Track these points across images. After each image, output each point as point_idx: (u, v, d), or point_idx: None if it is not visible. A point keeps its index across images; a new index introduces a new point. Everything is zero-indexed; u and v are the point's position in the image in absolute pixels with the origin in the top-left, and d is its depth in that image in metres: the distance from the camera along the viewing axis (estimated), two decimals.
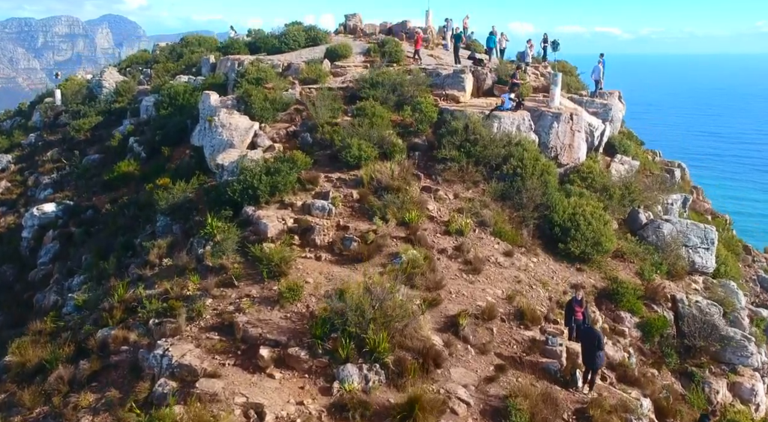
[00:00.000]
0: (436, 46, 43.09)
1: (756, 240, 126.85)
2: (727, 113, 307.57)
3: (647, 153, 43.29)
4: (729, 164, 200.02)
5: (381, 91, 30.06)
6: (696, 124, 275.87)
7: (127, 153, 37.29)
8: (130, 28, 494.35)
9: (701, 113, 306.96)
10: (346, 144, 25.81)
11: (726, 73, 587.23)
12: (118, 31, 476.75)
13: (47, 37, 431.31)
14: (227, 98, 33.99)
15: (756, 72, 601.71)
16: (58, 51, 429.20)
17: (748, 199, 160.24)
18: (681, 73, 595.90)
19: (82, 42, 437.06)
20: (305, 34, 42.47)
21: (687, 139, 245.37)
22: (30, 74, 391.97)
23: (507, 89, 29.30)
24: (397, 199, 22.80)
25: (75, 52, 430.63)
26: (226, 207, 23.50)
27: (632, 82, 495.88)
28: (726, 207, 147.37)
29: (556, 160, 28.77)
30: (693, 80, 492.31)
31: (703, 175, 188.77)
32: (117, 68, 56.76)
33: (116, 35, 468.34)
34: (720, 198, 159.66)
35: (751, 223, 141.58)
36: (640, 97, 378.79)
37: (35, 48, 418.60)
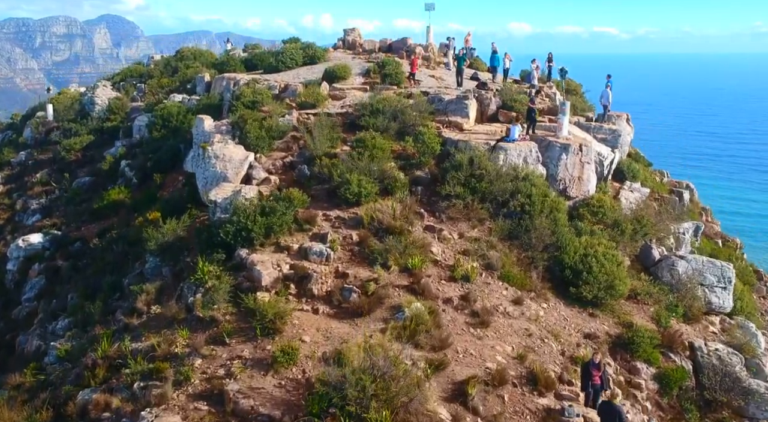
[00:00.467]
0: (437, 65, 41.79)
1: (753, 240, 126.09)
2: (725, 113, 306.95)
3: (655, 174, 42.10)
4: (726, 164, 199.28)
5: (381, 119, 28.76)
6: (693, 124, 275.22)
7: (118, 177, 36.08)
8: (128, 28, 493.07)
9: (698, 113, 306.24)
10: (345, 179, 24.51)
11: (723, 73, 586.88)
12: (116, 31, 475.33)
13: (45, 37, 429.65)
14: (222, 123, 32.72)
15: (753, 72, 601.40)
16: (56, 51, 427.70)
17: (744, 199, 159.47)
18: (678, 73, 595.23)
19: (80, 42, 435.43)
20: (303, 53, 41.22)
21: (684, 139, 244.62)
22: (28, 74, 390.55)
23: (514, 119, 27.97)
24: (399, 243, 21.50)
25: (73, 53, 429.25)
26: (219, 249, 22.21)
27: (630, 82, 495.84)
28: (723, 207, 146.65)
29: (565, 192, 27.50)
30: (690, 80, 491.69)
31: (700, 174, 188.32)
32: (110, 82, 55.42)
33: (114, 35, 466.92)
34: (717, 198, 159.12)
35: (749, 223, 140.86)
36: (638, 97, 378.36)
37: (33, 48, 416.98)
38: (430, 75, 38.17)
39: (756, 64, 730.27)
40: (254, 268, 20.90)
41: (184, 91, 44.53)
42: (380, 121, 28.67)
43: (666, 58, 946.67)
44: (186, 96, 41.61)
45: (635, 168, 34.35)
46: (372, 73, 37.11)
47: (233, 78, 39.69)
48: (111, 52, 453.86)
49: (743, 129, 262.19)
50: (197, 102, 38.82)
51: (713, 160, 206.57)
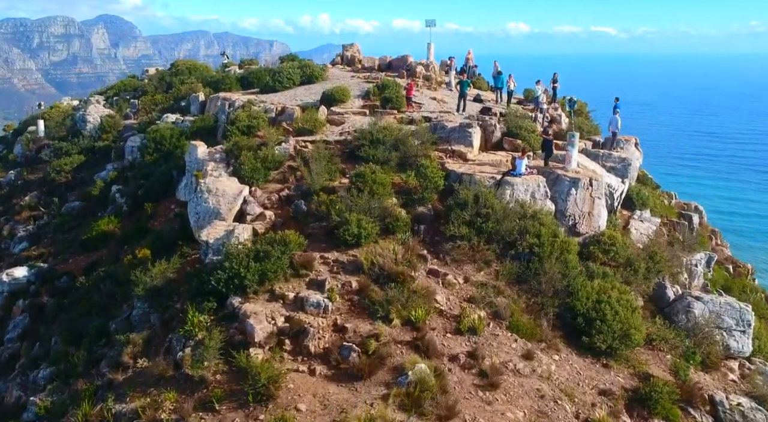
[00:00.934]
0: (439, 86, 40.46)
1: (750, 240, 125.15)
2: (722, 113, 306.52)
3: (663, 196, 40.88)
4: (724, 164, 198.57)
5: (382, 150, 27.47)
6: (691, 124, 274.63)
7: (109, 203, 34.78)
8: (126, 28, 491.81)
9: (696, 113, 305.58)
10: (344, 219, 23.21)
11: (721, 72, 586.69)
12: (114, 31, 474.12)
13: (43, 37, 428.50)
14: (216, 150, 31.49)
15: (750, 72, 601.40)
16: (53, 51, 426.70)
17: (742, 199, 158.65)
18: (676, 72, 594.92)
19: (78, 42, 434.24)
20: (300, 72, 39.92)
21: (682, 139, 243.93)
22: (25, 75, 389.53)
23: (520, 151, 26.68)
24: (402, 294, 20.20)
25: (71, 53, 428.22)
26: (210, 298, 20.93)
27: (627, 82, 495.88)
28: (720, 207, 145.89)
29: (574, 228, 26.21)
30: (688, 80, 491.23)
31: (698, 175, 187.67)
32: (103, 96, 54.10)
33: (112, 35, 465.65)
34: (715, 198, 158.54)
35: (746, 223, 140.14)
36: (635, 97, 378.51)
37: (31, 48, 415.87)
38: (432, 97, 36.84)
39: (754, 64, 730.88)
40: (247, 321, 19.60)
41: (178, 109, 43.22)
42: (380, 153, 27.38)
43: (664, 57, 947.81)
44: (180, 116, 40.29)
45: (644, 195, 33.09)
46: (372, 95, 35.81)
47: (228, 98, 38.44)
48: (109, 53, 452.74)
49: (741, 129, 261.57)
50: (191, 123, 37.52)
51: (711, 160, 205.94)
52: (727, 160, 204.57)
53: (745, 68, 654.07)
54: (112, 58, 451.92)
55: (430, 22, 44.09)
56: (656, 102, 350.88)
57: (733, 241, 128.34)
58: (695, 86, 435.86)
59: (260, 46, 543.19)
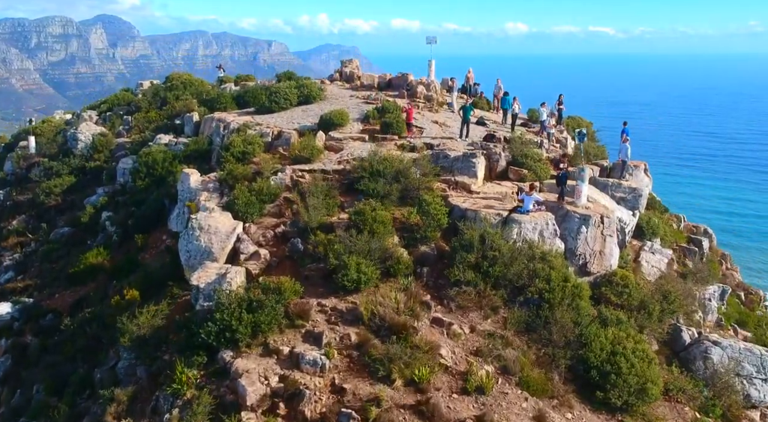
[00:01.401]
0: (440, 107, 39.12)
1: (748, 240, 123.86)
2: (721, 113, 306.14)
3: (671, 219, 39.65)
4: (722, 164, 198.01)
5: (382, 184, 26.16)
6: (689, 124, 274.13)
7: (98, 232, 33.50)
8: (124, 28, 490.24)
9: (695, 113, 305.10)
10: (342, 263, 21.91)
11: (719, 72, 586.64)
12: (113, 31, 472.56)
13: (41, 37, 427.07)
14: (209, 178, 30.25)
15: (748, 72, 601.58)
16: (51, 51, 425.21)
17: (740, 199, 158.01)
18: (674, 72, 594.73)
19: (76, 42, 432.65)
20: (297, 92, 38.57)
21: (680, 139, 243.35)
22: (23, 75, 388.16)
23: (527, 187, 25.36)
24: (404, 351, 18.91)
25: (69, 53, 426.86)
26: (200, 351, 19.67)
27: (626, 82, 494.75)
28: (719, 207, 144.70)
29: (585, 268, 24.95)
30: (686, 80, 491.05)
31: (696, 175, 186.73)
32: (96, 111, 52.77)
33: (110, 35, 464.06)
34: (713, 198, 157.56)
35: (744, 223, 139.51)
36: (634, 97, 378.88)
37: (29, 48, 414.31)
38: (434, 120, 35.50)
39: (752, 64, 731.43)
40: (239, 381, 18.33)
41: (172, 128, 41.89)
42: (381, 186, 26.08)
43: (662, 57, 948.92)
44: (173, 137, 38.98)
45: (655, 223, 31.81)
46: (371, 118, 34.50)
47: (223, 119, 37.17)
48: (107, 53, 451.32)
49: (740, 129, 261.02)
50: (184, 147, 36.22)
51: (709, 160, 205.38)
52: (725, 160, 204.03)
53: (743, 68, 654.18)
54: (111, 58, 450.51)
55: (431, 39, 42.76)
56: (655, 102, 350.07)
57: (731, 241, 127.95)
58: (694, 86, 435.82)
59: (259, 46, 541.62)
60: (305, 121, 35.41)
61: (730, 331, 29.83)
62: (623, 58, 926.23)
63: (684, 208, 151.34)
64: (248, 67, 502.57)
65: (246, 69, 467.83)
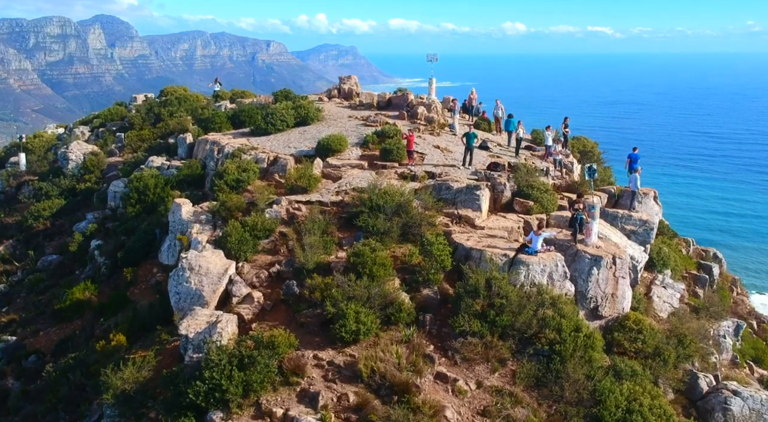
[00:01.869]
0: (442, 129, 37.78)
1: (745, 240, 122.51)
2: (718, 113, 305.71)
3: (680, 243, 38.45)
4: (720, 164, 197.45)
5: (382, 219, 24.89)
6: (687, 124, 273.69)
7: (87, 261, 32.22)
8: (122, 28, 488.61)
9: (692, 113, 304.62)
10: (340, 312, 20.65)
11: (716, 72, 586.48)
12: (111, 31, 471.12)
13: (39, 37, 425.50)
14: (201, 209, 29.03)
15: (745, 71, 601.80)
16: (49, 52, 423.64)
17: (737, 199, 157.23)
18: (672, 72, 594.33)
19: (74, 42, 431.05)
20: (294, 113, 37.26)
21: (678, 139, 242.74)
22: (21, 75, 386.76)
23: (536, 227, 24.08)
24: (407, 418, 17.61)
25: (67, 53, 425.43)
26: (188, 412, 18.37)
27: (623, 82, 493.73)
28: (715, 207, 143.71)
29: (596, 311, 23.73)
30: (684, 79, 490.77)
31: (694, 175, 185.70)
32: (89, 127, 51.45)
33: (109, 35, 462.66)
34: (711, 198, 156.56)
35: (741, 223, 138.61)
36: (631, 96, 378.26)
37: (27, 49, 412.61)
38: (435, 145, 34.17)
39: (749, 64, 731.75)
40: None
41: (165, 148, 40.61)
42: (381, 222, 24.80)
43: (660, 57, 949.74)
44: (166, 159, 37.68)
45: (665, 254, 30.60)
46: (371, 143, 33.23)
47: (217, 141, 35.91)
48: (105, 53, 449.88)
49: (737, 129, 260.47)
50: (177, 171, 34.92)
51: (707, 160, 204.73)
52: (723, 160, 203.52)
53: (741, 68, 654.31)
54: (109, 58, 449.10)
55: (432, 56, 41.54)
56: (652, 101, 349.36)
57: (728, 242, 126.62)
58: (691, 86, 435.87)
59: (257, 46, 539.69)
60: (302, 144, 34.15)
61: (746, 369, 28.68)
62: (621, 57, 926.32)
63: (681, 208, 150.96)
64: (247, 67, 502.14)
65: (245, 69, 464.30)
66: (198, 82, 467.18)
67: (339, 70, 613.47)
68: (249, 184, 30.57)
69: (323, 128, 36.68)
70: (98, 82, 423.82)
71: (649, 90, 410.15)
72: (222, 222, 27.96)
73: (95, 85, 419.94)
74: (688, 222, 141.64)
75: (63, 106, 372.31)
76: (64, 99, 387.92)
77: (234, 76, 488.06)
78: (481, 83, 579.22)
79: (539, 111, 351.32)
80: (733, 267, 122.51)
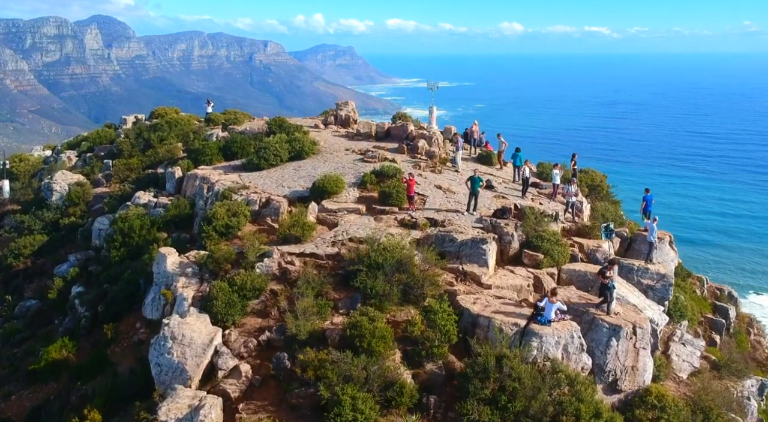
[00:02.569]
0: (443, 165, 35.78)
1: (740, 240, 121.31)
2: (715, 113, 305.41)
3: (694, 282, 36.66)
4: (716, 164, 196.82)
5: (381, 281, 22.95)
6: (684, 124, 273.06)
7: (67, 310, 30.31)
8: (119, 28, 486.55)
9: (689, 113, 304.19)
10: (335, 397, 18.72)
11: (713, 72, 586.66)
12: (108, 31, 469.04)
13: (35, 38, 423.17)
14: (188, 261, 27.15)
15: (742, 71, 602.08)
16: (46, 52, 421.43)
17: (733, 199, 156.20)
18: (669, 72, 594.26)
19: (71, 43, 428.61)
20: (289, 147, 35.33)
21: (674, 139, 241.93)
22: (18, 76, 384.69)
23: (549, 294, 22.10)
24: None
25: (64, 53, 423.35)
26: None
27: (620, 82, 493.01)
28: (712, 208, 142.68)
29: (615, 385, 21.85)
30: (680, 80, 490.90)
31: (690, 175, 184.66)
32: (75, 152, 49.46)
33: (105, 36, 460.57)
34: (707, 199, 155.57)
35: (737, 224, 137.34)
36: (628, 96, 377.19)
37: (23, 49, 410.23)
38: (437, 185, 32.17)
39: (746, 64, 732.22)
40: None
41: (153, 181, 38.62)
42: (380, 284, 22.88)
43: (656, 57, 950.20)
44: (153, 195, 35.72)
45: (682, 304, 28.83)
46: (369, 183, 31.27)
47: (207, 178, 34.05)
48: (102, 53, 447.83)
49: (734, 129, 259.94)
50: (164, 211, 33.01)
51: (704, 160, 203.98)
52: (719, 160, 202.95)
53: (737, 68, 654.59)
54: (106, 58, 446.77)
55: (432, 85, 39.72)
56: (649, 101, 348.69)
57: (724, 242, 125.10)
58: (688, 86, 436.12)
59: (255, 46, 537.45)
60: (296, 184, 32.23)
61: None
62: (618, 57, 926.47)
63: (678, 209, 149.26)
64: (244, 68, 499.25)
65: (242, 69, 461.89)
66: (195, 82, 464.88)
67: (336, 70, 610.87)
68: (239, 229, 28.69)
69: (319, 163, 34.76)
70: (95, 82, 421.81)
71: (646, 90, 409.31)
72: (209, 276, 26.15)
73: (92, 85, 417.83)
74: (684, 223, 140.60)
75: (60, 106, 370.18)
76: (60, 99, 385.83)
77: (231, 77, 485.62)
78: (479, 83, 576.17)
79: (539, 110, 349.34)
80: (729, 267, 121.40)
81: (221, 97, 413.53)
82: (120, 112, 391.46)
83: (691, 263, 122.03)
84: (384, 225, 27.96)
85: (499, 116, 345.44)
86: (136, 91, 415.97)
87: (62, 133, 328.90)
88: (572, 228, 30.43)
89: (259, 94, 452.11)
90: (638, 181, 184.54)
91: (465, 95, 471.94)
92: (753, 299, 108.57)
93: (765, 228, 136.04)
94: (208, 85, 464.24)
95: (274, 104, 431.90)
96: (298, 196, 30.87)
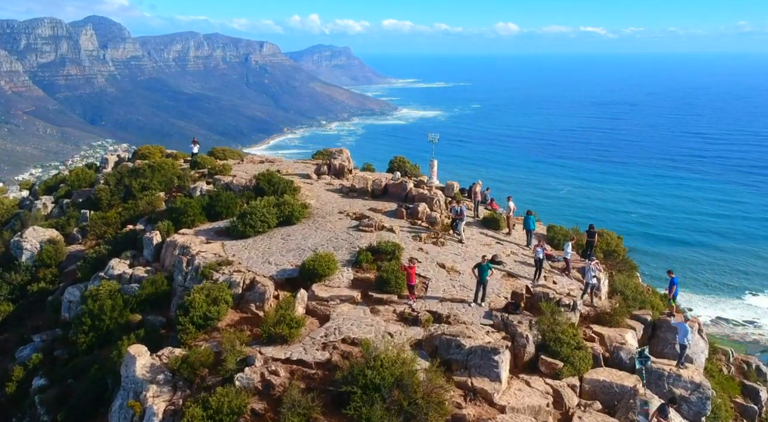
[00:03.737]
0: (446, 232, 32.60)
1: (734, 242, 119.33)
2: (710, 113, 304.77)
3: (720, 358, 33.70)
4: (711, 165, 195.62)
5: (379, 407, 19.88)
6: (679, 124, 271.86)
7: (26, 410, 27.19)
8: (114, 29, 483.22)
9: (684, 113, 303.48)
10: None
11: (708, 72, 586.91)
12: (103, 32, 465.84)
13: (30, 38, 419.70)
14: (160, 364, 24.09)
15: (737, 71, 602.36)
16: (41, 53, 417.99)
17: (728, 201, 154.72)
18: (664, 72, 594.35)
19: (66, 44, 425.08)
20: (277, 212, 32.24)
21: (670, 140, 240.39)
22: (12, 77, 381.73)
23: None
24: None
25: (59, 54, 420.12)
26: None
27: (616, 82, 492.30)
28: (706, 209, 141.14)
29: None
30: (675, 80, 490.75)
31: (686, 176, 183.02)
32: (52, 198, 46.28)
33: (101, 37, 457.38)
34: (702, 200, 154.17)
35: (731, 225, 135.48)
36: (623, 96, 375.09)
37: (18, 50, 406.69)
38: (440, 263, 29.07)
39: (741, 64, 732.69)
40: None
41: (132, 242, 35.50)
42: (376, 414, 19.77)
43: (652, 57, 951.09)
44: (129, 264, 32.60)
45: (717, 406, 25.71)
46: (365, 262, 28.17)
47: (187, 247, 30.98)
48: (98, 54, 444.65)
49: (729, 129, 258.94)
50: (139, 288, 29.90)
51: (698, 161, 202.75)
52: (714, 161, 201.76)
53: (733, 68, 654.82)
54: (101, 59, 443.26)
55: (433, 137, 36.81)
56: (644, 101, 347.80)
57: (719, 244, 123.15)
58: (683, 86, 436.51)
59: (250, 47, 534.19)
60: (284, 259, 29.18)
61: None
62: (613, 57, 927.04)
63: (672, 210, 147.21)
64: (240, 68, 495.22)
65: (238, 70, 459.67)
66: (191, 83, 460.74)
67: (332, 70, 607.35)
68: (219, 319, 25.69)
69: (310, 232, 31.68)
70: (90, 83, 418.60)
71: (641, 90, 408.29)
72: (183, 384, 23.12)
73: (87, 86, 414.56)
74: (679, 224, 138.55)
75: (55, 108, 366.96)
76: (56, 100, 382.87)
77: (227, 78, 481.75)
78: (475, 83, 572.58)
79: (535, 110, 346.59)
80: (723, 269, 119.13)
81: (217, 98, 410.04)
82: (115, 112, 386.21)
83: (686, 264, 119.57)
84: (382, 320, 24.93)
85: (495, 116, 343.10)
86: (131, 92, 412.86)
87: (57, 134, 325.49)
88: (590, 315, 27.41)
89: (255, 94, 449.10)
90: (634, 182, 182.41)
91: (461, 95, 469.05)
92: (749, 300, 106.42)
93: (759, 230, 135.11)
94: (203, 85, 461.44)
95: (270, 105, 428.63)
96: (287, 276, 27.85)
